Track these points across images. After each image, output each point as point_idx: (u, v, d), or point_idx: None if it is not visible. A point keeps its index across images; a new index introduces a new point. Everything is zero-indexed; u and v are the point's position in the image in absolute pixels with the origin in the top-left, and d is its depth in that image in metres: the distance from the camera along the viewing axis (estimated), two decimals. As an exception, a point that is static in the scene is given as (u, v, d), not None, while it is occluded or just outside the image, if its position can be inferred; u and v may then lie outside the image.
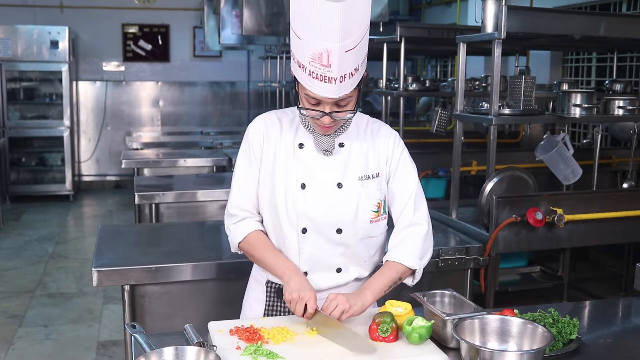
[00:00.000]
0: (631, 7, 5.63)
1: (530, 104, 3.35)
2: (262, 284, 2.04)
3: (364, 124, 2.00)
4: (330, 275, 1.97)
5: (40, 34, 8.45)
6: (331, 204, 1.91)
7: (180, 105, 9.87)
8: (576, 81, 6.10)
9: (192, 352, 1.61)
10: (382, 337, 1.74)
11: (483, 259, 2.99)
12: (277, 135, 1.95)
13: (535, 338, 1.64)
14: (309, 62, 1.72)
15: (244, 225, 1.97)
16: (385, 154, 1.98)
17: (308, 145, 1.93)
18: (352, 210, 1.92)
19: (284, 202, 1.92)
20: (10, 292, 5.17)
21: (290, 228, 1.93)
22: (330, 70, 1.70)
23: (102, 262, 2.59)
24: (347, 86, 1.75)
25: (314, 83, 1.74)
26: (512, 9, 3.11)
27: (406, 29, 4.63)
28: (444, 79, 7.78)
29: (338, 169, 1.92)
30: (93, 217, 8.22)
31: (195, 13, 9.54)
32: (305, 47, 1.72)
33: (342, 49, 1.67)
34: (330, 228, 1.92)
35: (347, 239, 1.94)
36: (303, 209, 1.91)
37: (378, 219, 1.96)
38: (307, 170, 1.92)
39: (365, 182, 1.94)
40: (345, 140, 1.95)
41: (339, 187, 1.91)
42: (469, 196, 4.97)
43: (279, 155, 1.94)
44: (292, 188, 1.91)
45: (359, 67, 1.77)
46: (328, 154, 1.92)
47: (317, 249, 1.94)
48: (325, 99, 1.76)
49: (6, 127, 8.53)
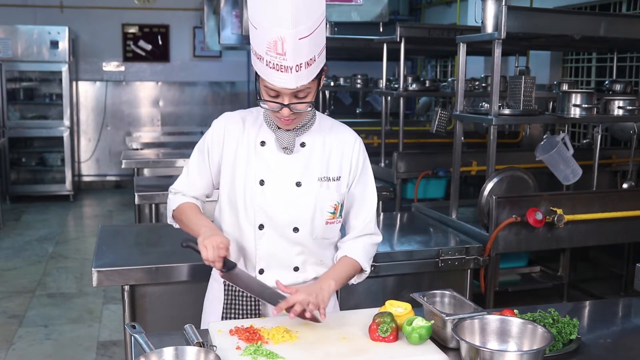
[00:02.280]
0: (631, 7, 5.63)
1: (530, 104, 3.35)
2: (220, 283, 2.05)
3: (327, 126, 2.02)
4: (288, 274, 1.98)
5: (40, 34, 8.45)
6: (289, 202, 1.93)
7: (180, 105, 9.87)
8: (576, 81, 6.10)
9: (192, 352, 1.61)
10: (382, 337, 1.74)
11: (483, 259, 2.99)
12: (238, 134, 1.98)
13: (535, 338, 1.64)
14: (266, 52, 1.74)
15: (180, 197, 2.06)
16: (349, 160, 2.00)
17: (269, 143, 1.96)
18: (310, 210, 1.94)
19: (243, 198, 1.94)
20: (10, 292, 5.17)
21: (248, 224, 1.95)
22: (285, 59, 1.72)
23: (102, 262, 2.59)
24: (303, 76, 1.77)
25: (271, 73, 1.76)
26: (512, 9, 3.11)
27: (406, 29, 4.63)
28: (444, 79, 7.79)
29: (298, 168, 1.94)
30: (93, 217, 8.22)
31: (195, 13, 9.54)
32: (261, 37, 1.74)
33: (296, 36, 1.70)
34: (287, 226, 1.94)
35: (303, 238, 1.96)
36: (260, 206, 1.93)
37: (333, 222, 1.98)
38: (267, 168, 1.94)
39: (325, 183, 1.95)
40: (307, 139, 1.97)
41: (298, 185, 1.94)
42: (469, 196, 4.98)
43: (240, 153, 1.96)
44: (250, 184, 1.94)
45: (316, 57, 1.78)
46: (288, 152, 1.94)
47: (274, 246, 1.96)
48: (283, 89, 1.78)
49: (6, 127, 8.52)
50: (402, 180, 4.68)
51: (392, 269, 2.85)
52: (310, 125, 1.97)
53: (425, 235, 3.27)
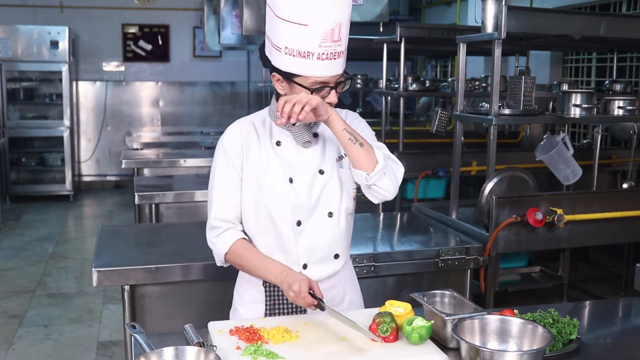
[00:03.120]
0: (631, 7, 5.63)
1: (530, 104, 3.35)
2: (257, 284, 2.03)
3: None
4: (329, 263, 2.01)
5: (40, 34, 8.45)
6: (318, 190, 1.96)
7: (180, 105, 9.87)
8: (576, 81, 6.10)
9: (192, 352, 1.61)
10: (382, 337, 1.74)
11: (483, 259, 2.99)
12: (255, 140, 1.98)
13: (535, 338, 1.64)
14: (319, 44, 1.78)
15: (228, 236, 1.97)
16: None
17: (285, 141, 1.98)
18: (337, 191, 1.98)
19: (274, 199, 1.94)
20: (10, 292, 5.17)
21: (285, 223, 1.95)
22: (340, 44, 1.81)
23: (102, 262, 2.59)
24: (344, 59, 1.86)
25: (322, 65, 1.80)
26: (512, 9, 3.11)
27: (406, 29, 4.63)
28: (444, 79, 7.79)
29: (317, 157, 1.98)
30: (93, 217, 8.22)
31: (195, 13, 9.54)
32: (315, 31, 1.77)
33: (349, 18, 1.80)
34: (322, 214, 1.97)
35: (338, 221, 1.99)
36: (295, 203, 1.94)
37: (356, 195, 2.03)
38: (291, 165, 1.96)
39: (341, 162, 2.00)
40: (318, 130, 2.00)
41: (321, 173, 1.97)
42: (469, 196, 4.98)
43: (261, 158, 1.96)
44: (280, 184, 1.94)
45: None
46: (308, 145, 1.97)
47: (313, 239, 1.97)
48: (331, 78, 1.84)
49: (6, 127, 8.53)
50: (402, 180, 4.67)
51: (392, 269, 2.85)
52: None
53: (425, 235, 3.27)
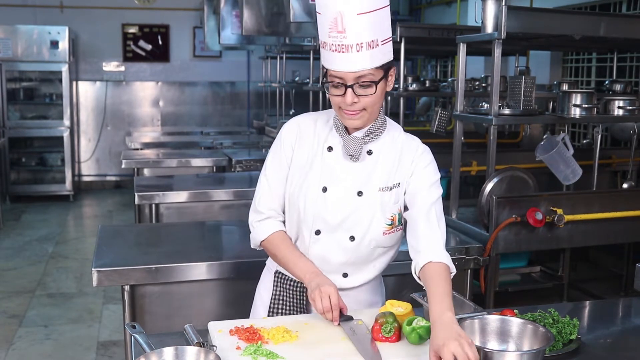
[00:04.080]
0: (631, 7, 5.63)
1: (530, 104, 3.35)
2: (271, 273, 2.08)
3: (396, 135, 1.98)
4: (336, 279, 1.96)
5: (40, 34, 8.45)
6: (348, 211, 1.92)
7: (180, 105, 9.87)
8: (576, 81, 6.10)
9: (192, 352, 1.61)
10: (385, 338, 1.74)
11: (483, 259, 2.99)
12: (310, 138, 1.97)
13: (536, 338, 1.64)
14: (328, 34, 1.77)
15: (269, 224, 2.00)
16: (411, 159, 1.95)
17: (337, 149, 1.94)
18: (367, 220, 1.92)
19: (304, 202, 1.93)
20: (10, 292, 5.17)
21: (305, 228, 1.95)
22: (345, 37, 1.75)
23: (102, 262, 2.59)
24: (366, 59, 1.77)
25: (333, 57, 1.79)
26: (512, 9, 3.11)
27: (406, 29, 4.62)
28: (444, 79, 7.78)
29: (361, 177, 1.92)
30: (93, 217, 8.22)
31: (195, 13, 9.54)
32: (324, 19, 1.78)
33: (354, 10, 1.73)
34: (344, 234, 1.93)
35: (359, 247, 1.94)
36: (320, 212, 1.92)
37: (392, 231, 1.96)
38: (331, 175, 1.93)
39: (385, 193, 1.93)
40: (375, 147, 1.94)
41: (359, 195, 1.92)
42: (469, 196, 4.97)
43: (308, 157, 1.96)
44: (313, 190, 1.93)
45: (379, 42, 1.78)
46: (354, 160, 1.92)
47: (327, 252, 1.95)
48: (346, 74, 1.79)
49: (6, 127, 8.53)
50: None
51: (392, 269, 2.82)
52: (379, 133, 1.93)
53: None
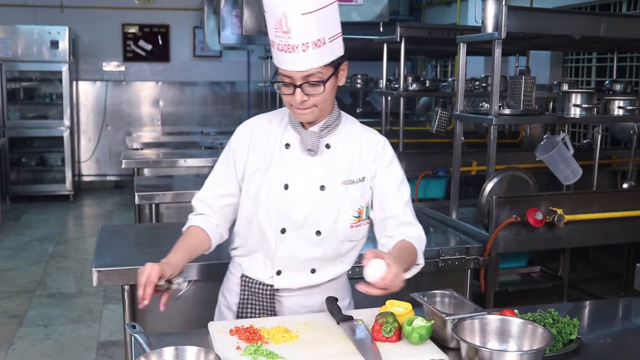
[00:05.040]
0: (631, 7, 5.63)
1: (530, 104, 3.35)
2: (237, 276, 2.07)
3: (352, 127, 2.00)
4: (305, 275, 1.98)
5: (40, 34, 8.44)
6: (313, 206, 1.91)
7: (180, 105, 9.87)
8: (576, 81, 6.11)
9: (192, 352, 1.61)
10: (385, 338, 1.74)
11: (483, 259, 2.99)
12: (265, 138, 1.97)
13: (535, 338, 1.63)
14: (275, 34, 1.77)
15: (195, 219, 2.02)
16: (374, 159, 1.97)
17: (294, 145, 1.94)
18: (333, 214, 1.92)
19: (267, 202, 1.92)
20: (10, 292, 5.17)
21: (270, 228, 1.94)
22: (290, 37, 1.75)
23: (102, 262, 2.59)
24: (312, 58, 1.77)
25: (280, 56, 1.79)
26: (512, 9, 3.11)
27: (406, 29, 4.63)
28: (444, 79, 7.79)
29: (322, 171, 1.92)
30: (93, 217, 8.22)
31: (195, 13, 9.54)
32: (270, 18, 1.78)
33: (298, 10, 1.72)
34: (310, 230, 1.93)
35: (325, 241, 1.94)
36: (284, 210, 1.91)
37: (359, 224, 1.96)
38: (291, 171, 1.92)
39: (350, 186, 1.93)
40: (332, 141, 1.95)
41: (322, 189, 1.92)
42: (469, 196, 4.97)
43: (265, 157, 1.95)
44: (275, 189, 1.92)
45: (326, 40, 1.78)
46: (312, 154, 1.92)
47: (294, 250, 1.95)
48: (293, 73, 1.79)
49: (6, 127, 8.53)
50: (402, 180, 4.66)
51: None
52: (335, 126, 1.95)
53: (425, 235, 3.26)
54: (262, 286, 2.00)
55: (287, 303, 2.01)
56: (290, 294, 2.00)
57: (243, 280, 2.03)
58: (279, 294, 2.00)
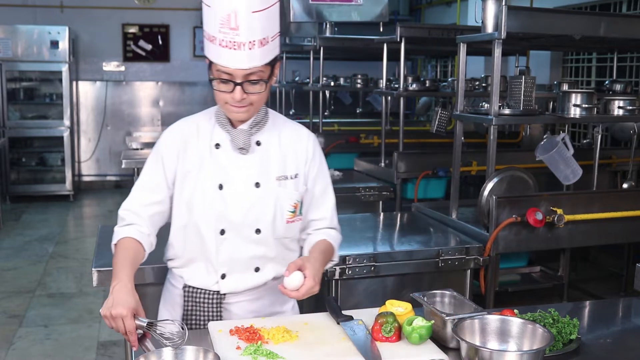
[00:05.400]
0: (631, 7, 5.63)
1: (530, 104, 3.35)
2: (178, 288, 2.01)
3: (281, 123, 2.01)
4: (250, 276, 1.96)
5: (40, 34, 8.44)
6: (249, 204, 1.91)
7: (180, 105, 9.87)
8: (576, 81, 6.11)
9: (192, 351, 1.61)
10: (385, 338, 1.74)
11: (483, 259, 2.99)
12: (194, 140, 1.94)
13: (535, 338, 1.64)
14: (219, 30, 1.74)
15: (126, 230, 1.91)
16: (305, 157, 1.99)
17: (224, 145, 1.92)
18: (271, 211, 1.92)
19: (202, 204, 1.90)
20: (10, 292, 5.17)
21: (208, 230, 1.91)
22: (238, 34, 1.73)
23: (102, 262, 2.60)
24: (257, 56, 1.77)
25: (224, 53, 1.76)
26: (512, 9, 3.11)
27: (406, 29, 4.63)
28: (444, 79, 7.79)
29: (255, 169, 1.92)
30: (93, 217, 8.22)
31: (195, 13, 9.54)
32: (215, 13, 1.75)
33: (249, 8, 1.71)
34: (249, 228, 1.92)
35: (265, 238, 1.94)
36: (221, 210, 1.90)
37: (294, 220, 1.97)
38: (224, 171, 1.91)
39: (283, 182, 1.94)
40: (262, 138, 1.94)
41: (257, 186, 1.91)
42: (469, 196, 4.98)
43: (196, 159, 1.92)
44: (209, 190, 1.90)
45: (269, 39, 1.78)
46: (244, 152, 1.91)
47: (236, 250, 1.93)
48: (235, 71, 1.77)
49: (6, 127, 8.53)
50: (402, 180, 4.67)
51: (392, 269, 2.85)
52: (264, 124, 1.95)
53: (425, 235, 3.27)
54: (208, 295, 1.96)
55: (235, 310, 1.98)
56: (237, 299, 1.97)
57: (186, 292, 1.98)
58: (225, 300, 1.96)
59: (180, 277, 2.01)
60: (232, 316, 1.97)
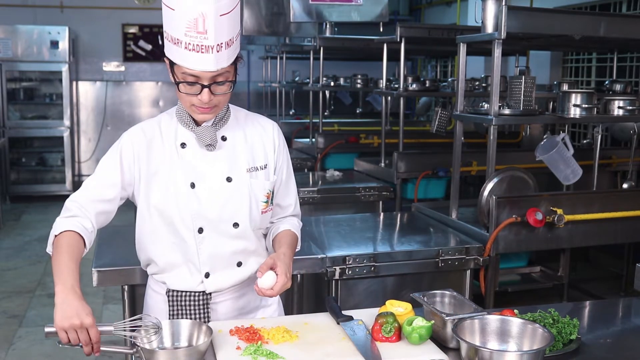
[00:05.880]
0: (631, 7, 5.63)
1: (530, 104, 3.35)
2: (161, 294, 1.98)
3: (242, 116, 2.01)
4: (233, 272, 1.95)
5: (40, 34, 8.45)
6: (224, 199, 1.90)
7: (180, 105, 9.86)
8: (576, 81, 6.11)
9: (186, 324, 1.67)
10: (385, 338, 1.74)
11: (483, 259, 2.99)
12: (158, 142, 1.91)
13: (535, 338, 1.64)
14: (185, 33, 1.71)
15: (69, 222, 1.83)
16: (272, 146, 2.00)
17: (190, 143, 1.91)
18: (246, 203, 1.92)
19: (176, 205, 1.88)
20: (10, 292, 5.17)
21: (186, 230, 1.89)
22: (206, 37, 1.70)
23: (102, 262, 2.60)
24: (224, 58, 1.76)
25: (191, 56, 1.74)
26: (512, 9, 3.11)
27: (406, 29, 4.63)
28: (444, 79, 7.79)
29: (225, 163, 1.92)
30: (93, 217, 8.21)
31: (195, 13, 9.53)
32: (180, 17, 1.71)
33: (217, 11, 1.69)
34: (226, 223, 1.91)
35: (244, 231, 1.93)
36: (196, 210, 1.88)
37: (267, 210, 1.98)
38: (194, 169, 1.89)
39: (254, 173, 1.94)
40: (227, 133, 1.95)
41: (229, 181, 1.91)
42: (469, 196, 4.98)
43: (162, 161, 1.90)
44: (181, 190, 1.88)
45: (234, 39, 1.78)
46: (212, 149, 1.90)
47: (216, 247, 1.91)
48: (203, 73, 1.76)
49: (6, 127, 8.53)
50: (402, 180, 4.67)
51: (392, 269, 2.85)
52: (227, 119, 1.95)
53: (425, 235, 3.27)
54: (193, 296, 1.93)
55: (221, 309, 1.97)
56: (222, 297, 1.96)
57: (170, 296, 1.95)
58: (212, 300, 1.95)
59: (163, 283, 1.97)
60: (219, 316, 1.96)
